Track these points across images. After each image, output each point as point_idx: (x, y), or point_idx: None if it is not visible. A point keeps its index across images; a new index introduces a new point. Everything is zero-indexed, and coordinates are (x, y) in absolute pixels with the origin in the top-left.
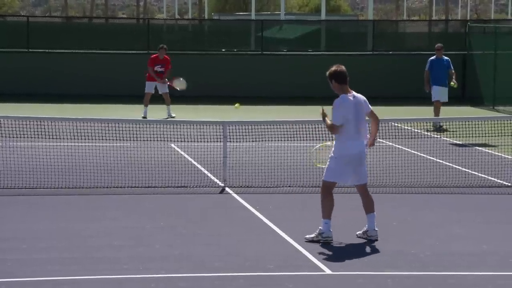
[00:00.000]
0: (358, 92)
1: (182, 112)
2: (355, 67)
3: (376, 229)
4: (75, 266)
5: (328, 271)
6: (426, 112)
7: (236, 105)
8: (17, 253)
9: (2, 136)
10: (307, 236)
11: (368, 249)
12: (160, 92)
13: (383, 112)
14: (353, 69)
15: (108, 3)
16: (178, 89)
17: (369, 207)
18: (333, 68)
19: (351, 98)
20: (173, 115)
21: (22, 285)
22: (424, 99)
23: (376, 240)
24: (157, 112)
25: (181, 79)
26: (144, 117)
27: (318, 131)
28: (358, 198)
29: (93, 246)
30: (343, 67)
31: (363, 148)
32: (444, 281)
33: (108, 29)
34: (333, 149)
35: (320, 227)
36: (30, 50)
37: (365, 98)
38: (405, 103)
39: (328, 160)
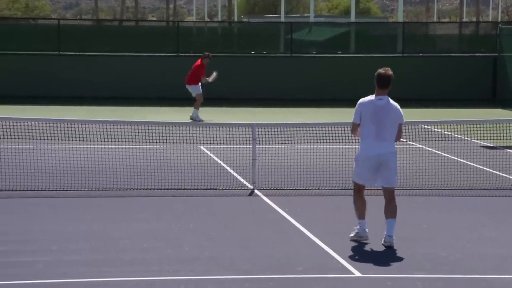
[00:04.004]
0: (390, 93)
1: (212, 114)
2: None
3: (392, 235)
4: (105, 267)
5: (357, 274)
6: (456, 113)
7: None
8: (48, 255)
9: (33, 139)
10: (350, 235)
11: (397, 251)
12: (193, 95)
13: (413, 114)
14: None
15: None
16: (211, 80)
17: (389, 212)
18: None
19: (375, 100)
20: (197, 117)
21: (53, 287)
22: (453, 101)
23: (391, 247)
24: (189, 114)
25: (214, 74)
26: (200, 120)
27: (347, 133)
28: (381, 200)
29: (122, 248)
30: (384, 71)
31: (385, 151)
32: (475, 284)
33: (138, 32)
34: None
35: (355, 227)
36: (61, 53)
37: (398, 107)
38: (435, 105)
39: None
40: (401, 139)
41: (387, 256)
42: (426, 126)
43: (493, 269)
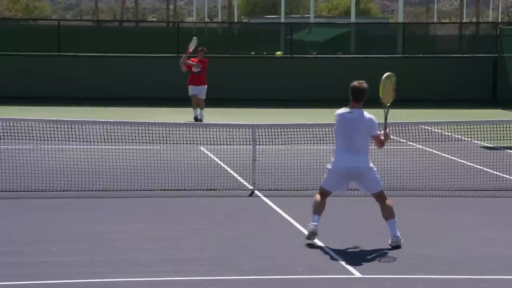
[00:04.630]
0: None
1: (211, 115)
2: (385, 70)
3: (398, 235)
4: (105, 268)
5: (357, 274)
6: (456, 114)
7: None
8: (48, 256)
9: (33, 139)
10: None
11: (397, 252)
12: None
13: (413, 114)
14: (382, 72)
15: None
16: (193, 45)
17: (386, 214)
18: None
19: (345, 113)
20: (199, 118)
21: None
22: (454, 101)
23: (399, 247)
24: (191, 114)
25: (194, 38)
26: (197, 119)
27: None
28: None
29: (123, 248)
30: (358, 84)
31: (357, 165)
32: (475, 285)
33: (138, 33)
34: None
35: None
36: (61, 53)
37: (370, 120)
38: (435, 105)
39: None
40: (384, 145)
41: (387, 257)
42: (426, 127)
43: (493, 269)
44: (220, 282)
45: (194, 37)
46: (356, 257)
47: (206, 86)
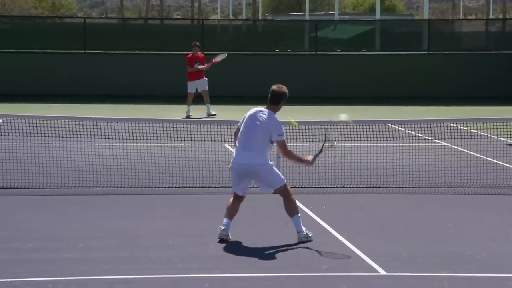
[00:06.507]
0: (416, 91)
1: (236, 112)
2: (410, 67)
3: (306, 232)
4: (130, 265)
5: (382, 272)
6: (482, 111)
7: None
8: (73, 252)
9: (59, 137)
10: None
11: (423, 250)
12: (199, 90)
13: (438, 112)
14: (408, 69)
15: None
16: (220, 60)
17: (289, 210)
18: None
19: (255, 111)
20: (213, 113)
21: (79, 284)
22: (480, 98)
23: (309, 241)
24: (201, 111)
25: (225, 54)
26: (189, 116)
27: (372, 131)
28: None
29: (147, 245)
30: (276, 88)
31: (251, 162)
32: (501, 283)
33: (163, 30)
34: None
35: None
36: (86, 51)
37: (277, 124)
38: (461, 103)
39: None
40: (298, 162)
41: (412, 254)
42: (452, 124)
43: None
44: (244, 279)
45: (226, 53)
46: (381, 255)
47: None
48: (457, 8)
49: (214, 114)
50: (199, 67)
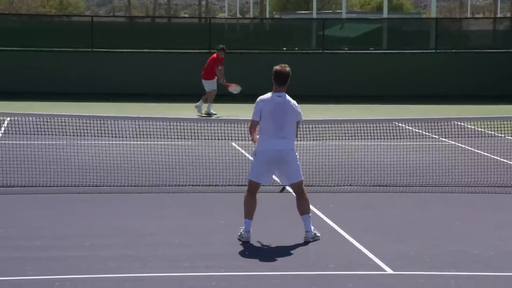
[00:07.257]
0: (423, 89)
1: (243, 111)
2: (417, 65)
3: (314, 231)
4: (136, 263)
5: (389, 271)
6: (490, 110)
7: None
8: (80, 250)
9: (66, 135)
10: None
11: (430, 248)
12: (206, 90)
13: (446, 110)
14: (415, 67)
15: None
16: (234, 92)
17: (302, 209)
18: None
19: (274, 97)
20: (213, 112)
21: (86, 282)
22: (487, 97)
23: (315, 240)
24: (224, 110)
25: (239, 87)
26: (211, 114)
27: (379, 129)
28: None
29: (154, 243)
30: (280, 68)
31: (284, 148)
32: (508, 282)
33: (170, 29)
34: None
35: (241, 227)
36: (94, 49)
37: (295, 106)
38: (468, 101)
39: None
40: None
41: (419, 253)
42: (459, 123)
43: None
44: (251, 278)
45: (240, 88)
46: (388, 253)
47: None
48: (465, 7)
49: (215, 114)
50: (218, 74)
